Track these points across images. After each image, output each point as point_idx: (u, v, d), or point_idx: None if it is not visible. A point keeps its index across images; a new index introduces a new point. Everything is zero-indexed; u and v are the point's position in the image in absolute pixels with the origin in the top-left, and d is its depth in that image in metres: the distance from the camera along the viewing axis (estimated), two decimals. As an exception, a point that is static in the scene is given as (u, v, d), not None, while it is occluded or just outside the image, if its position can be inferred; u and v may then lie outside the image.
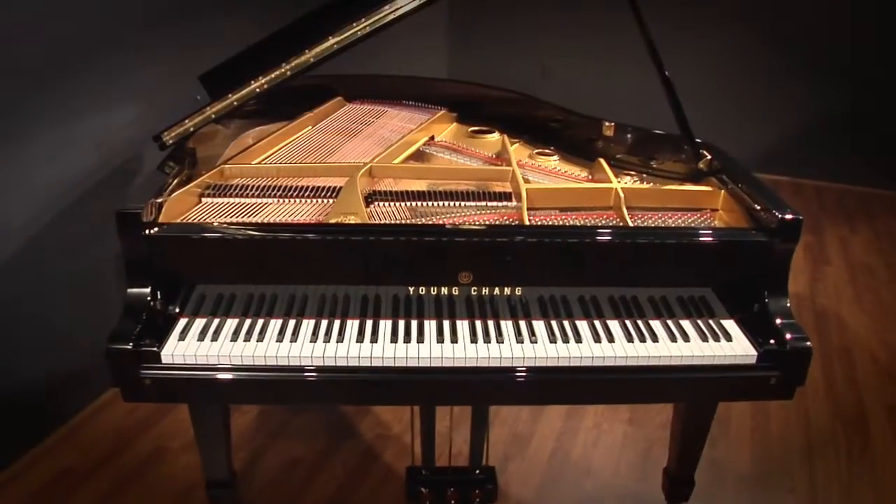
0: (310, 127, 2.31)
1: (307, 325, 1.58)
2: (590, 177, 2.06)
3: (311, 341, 1.53)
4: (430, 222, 1.73)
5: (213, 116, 1.81)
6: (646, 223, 1.80)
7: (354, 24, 1.74)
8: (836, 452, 2.47)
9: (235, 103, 1.80)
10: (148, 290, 1.54)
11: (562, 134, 2.25)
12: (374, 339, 1.53)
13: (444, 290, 1.60)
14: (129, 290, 1.54)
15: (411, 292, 1.60)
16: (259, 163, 2.03)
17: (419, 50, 4.62)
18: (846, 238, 4.13)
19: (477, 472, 2.07)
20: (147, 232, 1.52)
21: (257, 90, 1.80)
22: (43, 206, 2.31)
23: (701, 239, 1.65)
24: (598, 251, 1.63)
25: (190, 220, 1.69)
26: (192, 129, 1.82)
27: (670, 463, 2.08)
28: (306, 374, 1.50)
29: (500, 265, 1.60)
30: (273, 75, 1.78)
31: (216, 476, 1.93)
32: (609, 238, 1.62)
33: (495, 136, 2.31)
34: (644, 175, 2.06)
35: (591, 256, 1.64)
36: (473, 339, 1.55)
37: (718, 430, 2.50)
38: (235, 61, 1.91)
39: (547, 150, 2.21)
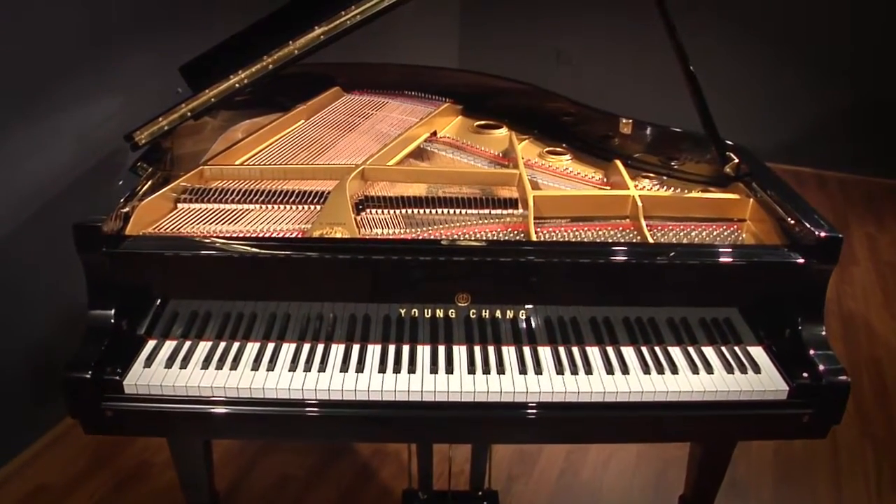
0: (303, 120, 2.14)
1: (287, 350, 1.43)
2: (604, 179, 1.88)
3: (289, 370, 1.38)
4: (426, 234, 1.57)
5: (188, 114, 1.64)
6: (665, 235, 1.63)
7: (343, 13, 1.57)
8: (866, 476, 2.31)
9: (213, 100, 1.64)
10: (112, 311, 1.39)
11: (575, 130, 2.08)
12: (359, 369, 1.38)
13: (440, 313, 1.44)
14: (92, 312, 1.39)
15: (403, 313, 1.45)
16: (244, 162, 1.87)
17: (429, 36, 4.42)
18: (873, 235, 3.92)
19: (479, 494, 1.94)
20: (105, 249, 1.37)
21: (237, 85, 1.63)
22: (19, 206, 2.17)
23: (728, 259, 1.47)
24: (613, 271, 1.46)
25: (162, 229, 1.54)
26: (166, 127, 1.66)
27: (687, 490, 1.92)
28: (283, 408, 1.35)
29: (501, 285, 1.44)
30: (254, 69, 1.62)
31: (197, 502, 1.79)
32: (625, 258, 1.45)
33: (502, 132, 2.14)
34: (664, 178, 1.88)
35: (605, 276, 1.47)
36: (471, 370, 1.39)
37: (739, 450, 2.29)
38: (219, 51, 1.74)
39: (558, 149, 2.03)
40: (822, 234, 1.43)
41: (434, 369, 1.38)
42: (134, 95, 2.41)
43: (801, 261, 1.44)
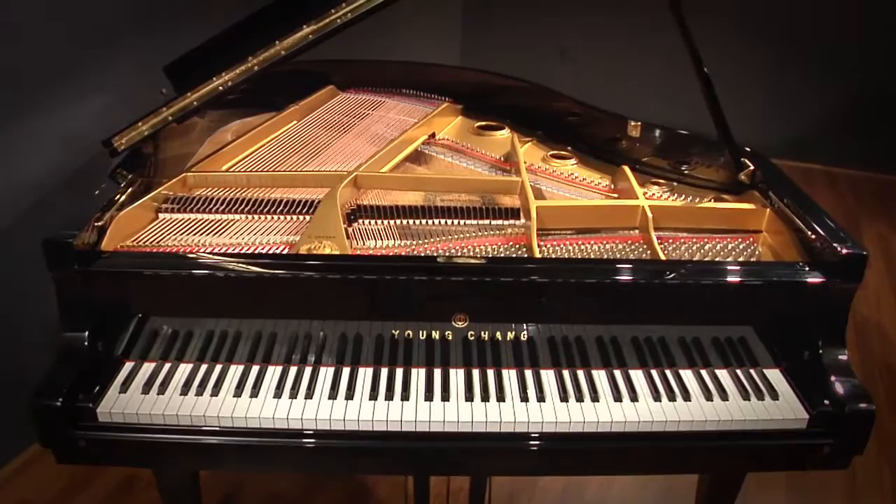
0: (295, 121, 2.04)
1: (272, 374, 1.34)
2: (612, 186, 1.79)
3: (274, 397, 1.29)
4: (422, 247, 1.47)
5: (170, 118, 1.54)
6: (677, 250, 1.53)
7: (333, 11, 1.46)
8: (882, 494, 2.22)
9: (196, 103, 1.54)
10: (86, 333, 1.30)
11: (581, 131, 1.98)
12: (349, 396, 1.29)
13: (436, 334, 1.35)
14: (66, 334, 1.30)
15: (396, 335, 1.35)
16: (232, 167, 1.77)
17: (430, 38, 4.30)
18: (886, 235, 3.82)
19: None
20: (78, 266, 1.28)
21: (220, 88, 1.53)
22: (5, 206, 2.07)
23: (745, 279, 1.36)
24: (622, 290, 1.36)
25: (141, 242, 1.44)
26: (147, 132, 1.56)
27: (696, 515, 1.84)
28: (267, 438, 1.25)
29: (502, 305, 1.35)
30: (238, 71, 1.52)
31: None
32: (635, 278, 1.35)
33: (504, 134, 2.04)
34: (674, 184, 1.79)
35: (613, 295, 1.37)
36: (469, 397, 1.29)
37: (748, 466, 2.24)
38: (204, 51, 1.64)
39: (563, 152, 1.94)
40: (845, 250, 1.33)
41: (429, 396, 1.29)
42: (121, 96, 2.30)
43: (821, 280, 1.34)
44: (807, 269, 1.37)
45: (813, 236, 1.41)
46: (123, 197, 1.50)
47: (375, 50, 2.35)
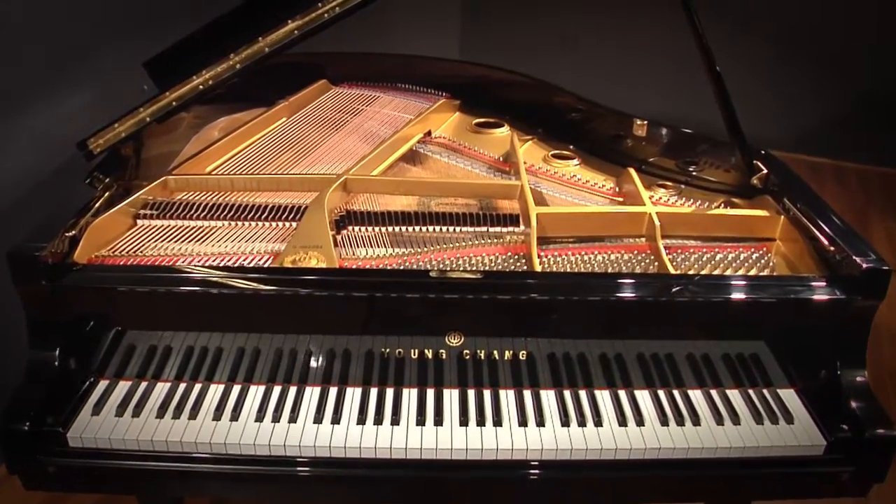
0: (284, 118, 1.95)
1: (254, 394, 1.26)
2: (616, 189, 1.70)
3: (255, 420, 1.21)
4: (414, 257, 1.39)
5: (148, 119, 1.45)
6: (686, 261, 1.44)
7: (320, 5, 1.37)
8: (893, 500, 2.14)
9: (174, 103, 1.45)
10: (56, 352, 1.22)
11: (583, 129, 1.89)
12: (335, 420, 1.20)
13: (429, 352, 1.27)
14: (32, 352, 1.22)
15: (386, 353, 1.27)
16: (217, 167, 1.68)
17: (429, 34, 4.18)
18: (895, 232, 3.72)
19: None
20: (45, 282, 1.19)
21: (201, 87, 1.44)
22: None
23: (758, 296, 1.27)
24: (627, 307, 1.28)
25: (117, 251, 1.36)
26: (123, 134, 1.47)
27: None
28: (247, 466, 1.17)
29: (499, 322, 1.26)
30: (219, 69, 1.42)
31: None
32: (641, 295, 1.26)
33: (503, 132, 1.95)
34: (682, 187, 1.70)
35: (617, 313, 1.29)
36: (464, 421, 1.21)
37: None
38: (186, 46, 1.54)
39: (565, 152, 1.84)
40: (866, 264, 1.25)
41: (421, 420, 1.21)
42: (100, 94, 2.20)
43: (840, 296, 1.26)
44: (825, 284, 1.28)
45: (831, 247, 1.32)
46: (100, 202, 1.42)
47: (373, 49, 2.26)
